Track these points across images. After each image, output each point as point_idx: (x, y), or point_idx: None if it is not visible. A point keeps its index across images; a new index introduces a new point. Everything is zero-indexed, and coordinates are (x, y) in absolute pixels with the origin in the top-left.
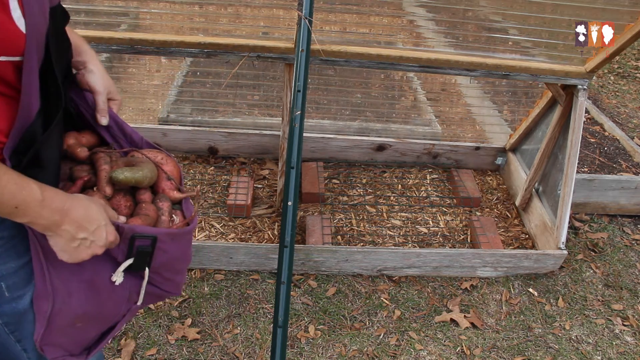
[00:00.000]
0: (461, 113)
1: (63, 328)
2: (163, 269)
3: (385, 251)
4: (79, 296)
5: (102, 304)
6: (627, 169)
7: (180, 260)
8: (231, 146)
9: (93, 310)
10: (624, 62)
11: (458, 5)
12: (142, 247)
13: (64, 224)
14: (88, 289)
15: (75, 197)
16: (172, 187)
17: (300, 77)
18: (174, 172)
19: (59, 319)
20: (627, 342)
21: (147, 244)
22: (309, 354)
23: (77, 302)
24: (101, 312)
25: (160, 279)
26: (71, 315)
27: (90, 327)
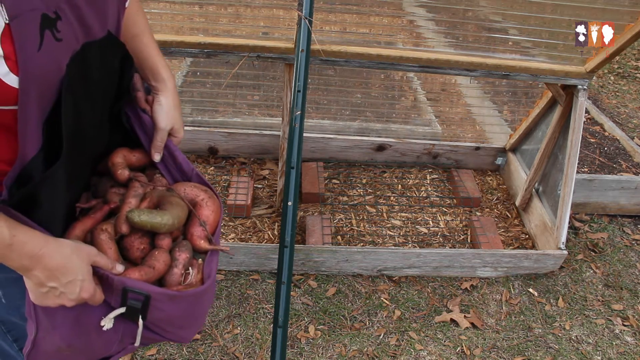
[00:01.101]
0: (461, 113)
1: (49, 353)
2: (162, 323)
3: (385, 251)
4: (63, 331)
5: (89, 342)
6: (627, 169)
7: (184, 318)
8: (231, 146)
9: (79, 345)
10: (624, 62)
11: (458, 5)
12: (133, 303)
13: (34, 270)
14: (73, 326)
15: (57, 243)
16: (203, 235)
17: (300, 77)
18: (210, 217)
19: (44, 344)
20: (627, 342)
21: (140, 299)
22: (309, 354)
23: (61, 336)
24: (89, 347)
25: (161, 330)
26: (55, 345)
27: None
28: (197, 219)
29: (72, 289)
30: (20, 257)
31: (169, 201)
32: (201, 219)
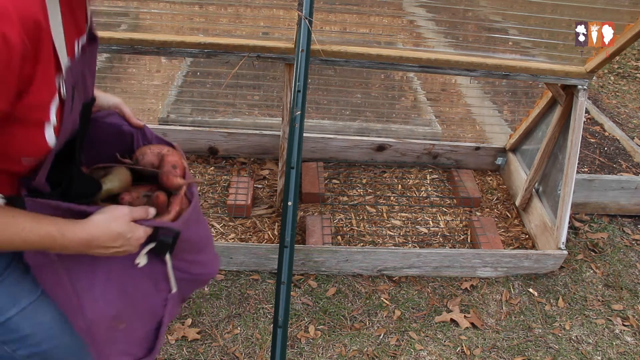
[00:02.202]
0: (461, 113)
1: (108, 335)
2: (184, 254)
3: (385, 251)
4: (105, 298)
5: (130, 298)
6: (627, 169)
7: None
8: (231, 146)
9: (125, 307)
10: (624, 62)
11: (458, 5)
12: (164, 239)
13: (91, 249)
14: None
15: (97, 222)
16: (177, 173)
17: (300, 77)
18: (178, 162)
19: (98, 327)
20: (627, 342)
21: (170, 235)
22: (309, 354)
23: (105, 304)
24: (134, 305)
25: (185, 264)
26: (107, 318)
27: (135, 325)
28: (168, 165)
29: (128, 244)
30: (75, 248)
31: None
32: (170, 163)
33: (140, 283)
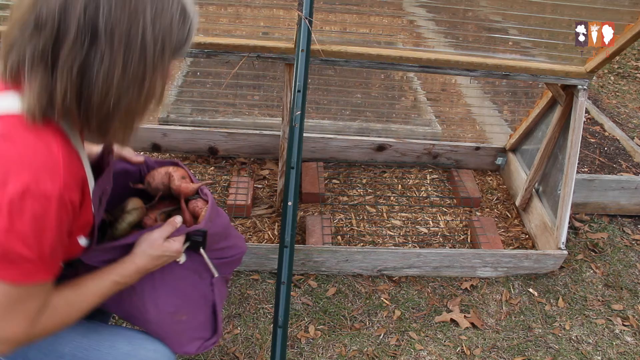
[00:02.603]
0: (461, 113)
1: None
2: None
3: (385, 251)
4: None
5: (182, 292)
6: (627, 169)
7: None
8: (231, 146)
9: (180, 301)
10: (624, 62)
11: (458, 5)
12: (196, 238)
13: (147, 271)
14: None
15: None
16: (186, 182)
17: (300, 77)
18: (185, 173)
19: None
20: (627, 342)
21: (200, 234)
22: (309, 354)
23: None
24: (187, 298)
25: (218, 252)
26: (168, 315)
27: (194, 313)
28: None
29: (169, 257)
30: (134, 279)
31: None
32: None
33: (186, 278)
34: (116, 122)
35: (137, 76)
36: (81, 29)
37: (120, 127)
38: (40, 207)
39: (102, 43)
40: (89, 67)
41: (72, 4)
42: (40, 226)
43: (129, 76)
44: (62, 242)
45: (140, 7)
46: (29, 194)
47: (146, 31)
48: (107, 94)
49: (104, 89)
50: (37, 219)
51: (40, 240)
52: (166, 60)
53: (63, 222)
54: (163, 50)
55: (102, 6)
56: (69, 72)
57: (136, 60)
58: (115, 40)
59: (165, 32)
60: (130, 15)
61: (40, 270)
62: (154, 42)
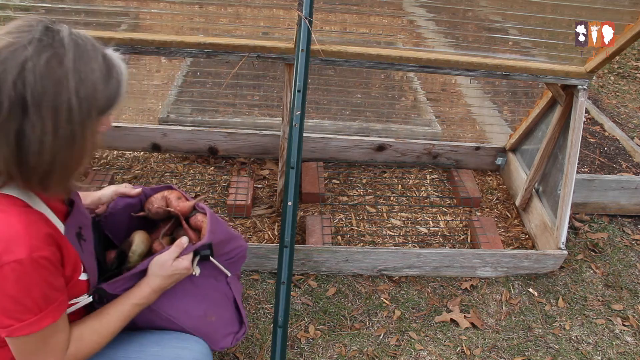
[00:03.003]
0: (461, 113)
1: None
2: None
3: (385, 251)
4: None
5: (204, 296)
6: (627, 169)
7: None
8: (231, 146)
9: (206, 304)
10: (624, 62)
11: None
12: (204, 252)
13: (163, 290)
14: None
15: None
16: (183, 201)
17: (300, 77)
18: (180, 195)
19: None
20: (627, 342)
21: (206, 248)
22: (309, 354)
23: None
24: (210, 300)
25: (225, 255)
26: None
27: (221, 312)
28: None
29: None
30: (151, 300)
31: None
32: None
33: (205, 284)
34: (54, 177)
35: (67, 138)
36: (12, 104)
37: (59, 182)
38: (17, 271)
39: (31, 113)
40: (23, 134)
41: (4, 82)
42: (25, 285)
43: (59, 139)
44: (57, 289)
45: (63, 78)
46: (3, 263)
47: (71, 98)
48: (42, 155)
49: (39, 152)
50: (19, 281)
51: (30, 296)
52: (93, 119)
53: (45, 276)
54: (89, 111)
55: (28, 82)
56: (6, 140)
57: (64, 124)
58: (43, 110)
59: (89, 96)
60: (54, 86)
61: (43, 317)
62: (79, 106)
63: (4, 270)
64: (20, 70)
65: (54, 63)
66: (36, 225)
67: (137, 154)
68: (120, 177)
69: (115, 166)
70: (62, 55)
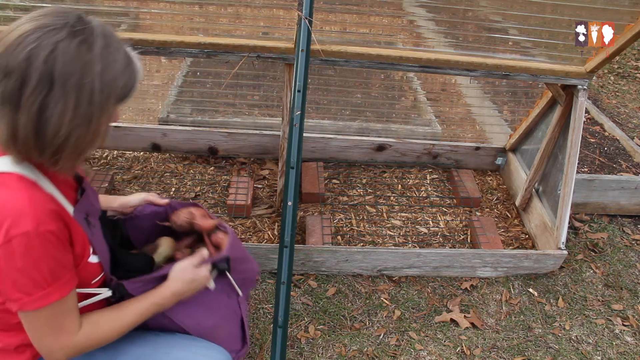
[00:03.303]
0: (461, 113)
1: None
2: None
3: (385, 251)
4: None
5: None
6: (627, 169)
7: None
8: (231, 146)
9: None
10: (624, 62)
11: (458, 5)
12: (221, 265)
13: (182, 295)
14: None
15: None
16: (207, 219)
17: (300, 77)
18: (204, 213)
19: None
20: (627, 342)
21: (224, 261)
22: (309, 354)
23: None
24: (221, 314)
25: (240, 273)
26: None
27: (229, 328)
28: (199, 216)
29: (199, 282)
30: (170, 302)
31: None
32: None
33: (217, 298)
34: (65, 154)
35: (85, 117)
36: (41, 77)
37: (69, 158)
38: (24, 245)
39: (57, 88)
40: (46, 108)
41: (35, 56)
42: (32, 259)
43: (78, 117)
44: (64, 266)
45: (90, 62)
46: (11, 237)
47: (95, 81)
48: (59, 130)
49: (57, 125)
50: (26, 254)
51: (37, 269)
52: (110, 106)
53: (51, 251)
54: (109, 96)
55: (58, 60)
56: (30, 111)
57: (85, 104)
58: (68, 87)
59: (111, 83)
60: (82, 67)
61: (51, 292)
62: (101, 91)
63: (12, 244)
64: (52, 49)
65: (84, 48)
66: (42, 201)
67: (137, 154)
68: (120, 177)
69: (115, 166)
70: (92, 42)
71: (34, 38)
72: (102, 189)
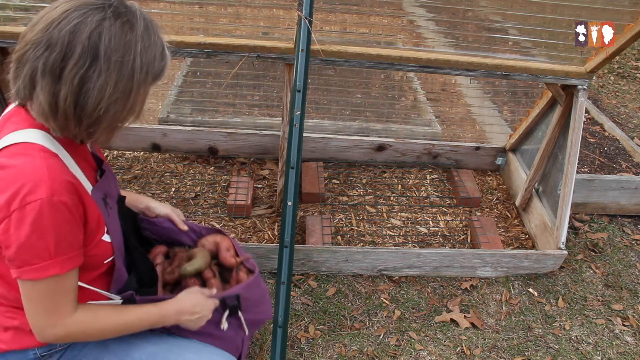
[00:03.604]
0: (461, 113)
1: None
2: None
3: (385, 251)
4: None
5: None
6: (627, 169)
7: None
8: (231, 146)
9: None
10: (624, 62)
11: (458, 5)
12: (232, 303)
13: (182, 316)
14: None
15: (180, 297)
16: (231, 254)
17: (300, 77)
18: (230, 245)
19: None
20: (627, 342)
21: (234, 299)
22: (309, 354)
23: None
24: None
25: (252, 314)
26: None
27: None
28: (223, 250)
29: (204, 310)
30: (171, 316)
31: (195, 254)
32: (225, 248)
33: (226, 334)
34: (102, 127)
35: (125, 93)
36: (85, 51)
37: (104, 131)
38: (35, 211)
39: (100, 64)
40: (88, 80)
41: (79, 31)
42: (39, 227)
43: (118, 92)
44: (70, 242)
45: (133, 41)
46: (25, 203)
47: (136, 60)
48: (99, 103)
49: (97, 98)
50: (35, 222)
51: (43, 239)
52: (148, 83)
53: (60, 222)
54: (147, 75)
55: (103, 36)
56: (71, 82)
57: (125, 80)
58: (111, 63)
59: (150, 62)
60: (125, 46)
61: (50, 265)
62: (141, 68)
63: (25, 210)
64: (97, 26)
65: (127, 28)
66: (60, 172)
67: (137, 154)
68: (120, 177)
69: (115, 166)
70: (134, 24)
71: (78, 14)
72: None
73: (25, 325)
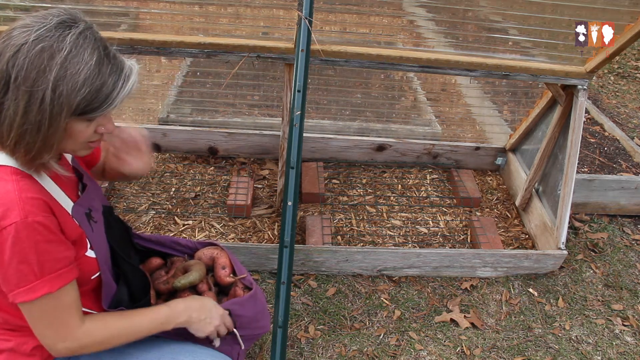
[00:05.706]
0: (461, 113)
1: None
2: (245, 323)
3: (385, 251)
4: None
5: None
6: (627, 169)
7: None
8: (231, 146)
9: None
10: (624, 62)
11: (458, 5)
12: None
13: (191, 311)
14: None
15: (188, 298)
16: (227, 273)
17: (300, 77)
18: (227, 262)
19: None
20: (627, 342)
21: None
22: (309, 354)
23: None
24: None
25: (249, 330)
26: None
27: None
28: (219, 267)
29: (211, 316)
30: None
31: (190, 266)
32: (220, 265)
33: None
34: (21, 152)
35: (35, 123)
36: (2, 77)
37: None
38: (12, 235)
39: (11, 91)
40: (2, 107)
41: (2, 55)
42: (20, 250)
43: (28, 122)
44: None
45: (47, 70)
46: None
47: (47, 90)
48: (10, 130)
49: (9, 125)
50: (14, 245)
51: (26, 261)
52: (63, 119)
53: (38, 242)
54: (61, 108)
55: (17, 62)
56: None
57: (35, 111)
58: (20, 92)
59: (66, 94)
60: (36, 74)
61: (38, 286)
62: (51, 100)
63: (2, 236)
64: (16, 51)
65: (46, 55)
66: (31, 192)
67: None
68: None
69: None
70: (57, 50)
71: (9, 35)
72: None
73: (19, 347)
